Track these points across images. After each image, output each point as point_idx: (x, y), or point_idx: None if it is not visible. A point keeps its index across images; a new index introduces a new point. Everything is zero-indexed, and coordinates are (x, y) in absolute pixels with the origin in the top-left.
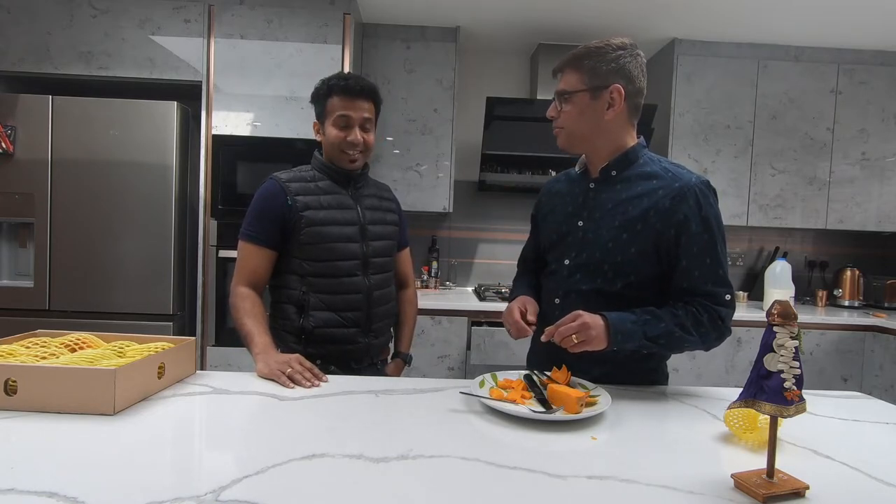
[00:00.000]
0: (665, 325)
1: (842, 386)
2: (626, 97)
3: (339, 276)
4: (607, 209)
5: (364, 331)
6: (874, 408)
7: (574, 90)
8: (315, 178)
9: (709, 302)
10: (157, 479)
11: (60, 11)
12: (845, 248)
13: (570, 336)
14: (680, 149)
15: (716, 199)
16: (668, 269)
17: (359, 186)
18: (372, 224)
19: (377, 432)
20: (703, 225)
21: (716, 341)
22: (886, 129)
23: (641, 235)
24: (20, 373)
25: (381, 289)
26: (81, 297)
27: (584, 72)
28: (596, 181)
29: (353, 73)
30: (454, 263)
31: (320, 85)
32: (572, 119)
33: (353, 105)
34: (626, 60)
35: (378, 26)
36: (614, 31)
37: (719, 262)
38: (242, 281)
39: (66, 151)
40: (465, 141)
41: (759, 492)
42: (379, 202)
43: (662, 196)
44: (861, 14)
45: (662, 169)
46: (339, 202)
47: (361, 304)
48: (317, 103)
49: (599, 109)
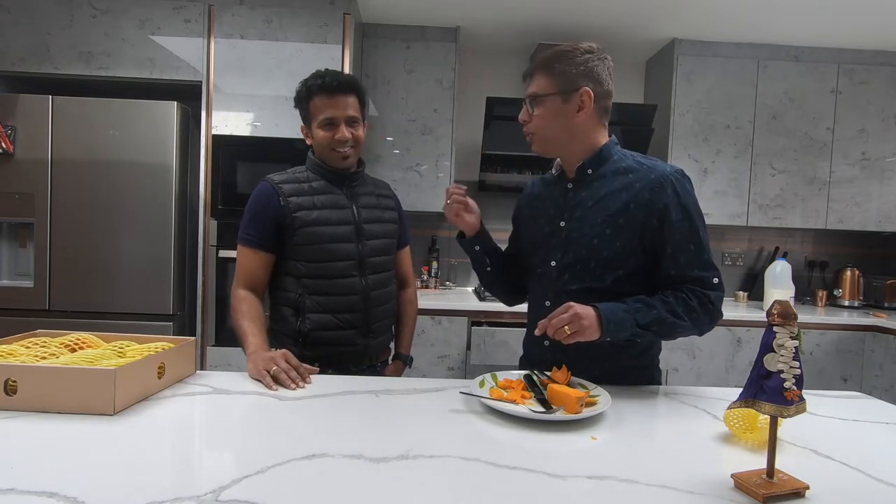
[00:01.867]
0: (656, 312)
1: (842, 386)
2: (595, 99)
3: (334, 276)
4: (588, 207)
5: (362, 332)
6: (874, 408)
7: (545, 93)
8: (309, 178)
9: (698, 287)
10: (157, 479)
11: (60, 11)
12: (845, 248)
13: (563, 328)
14: (680, 149)
15: (692, 187)
16: (654, 259)
17: (354, 185)
18: (368, 223)
19: (377, 432)
20: (683, 212)
21: (709, 325)
22: (886, 129)
23: (625, 229)
24: (20, 373)
25: (379, 289)
26: (81, 297)
27: (554, 75)
28: (573, 181)
29: (329, 69)
30: (454, 263)
31: (300, 88)
32: (544, 122)
33: (336, 103)
34: (595, 64)
35: (378, 26)
36: (614, 31)
37: (703, 247)
38: (241, 284)
39: (66, 151)
40: (465, 141)
41: (759, 492)
42: (376, 200)
43: (640, 188)
44: (861, 14)
45: (637, 163)
46: (333, 202)
47: (358, 305)
48: (300, 107)
49: (570, 112)
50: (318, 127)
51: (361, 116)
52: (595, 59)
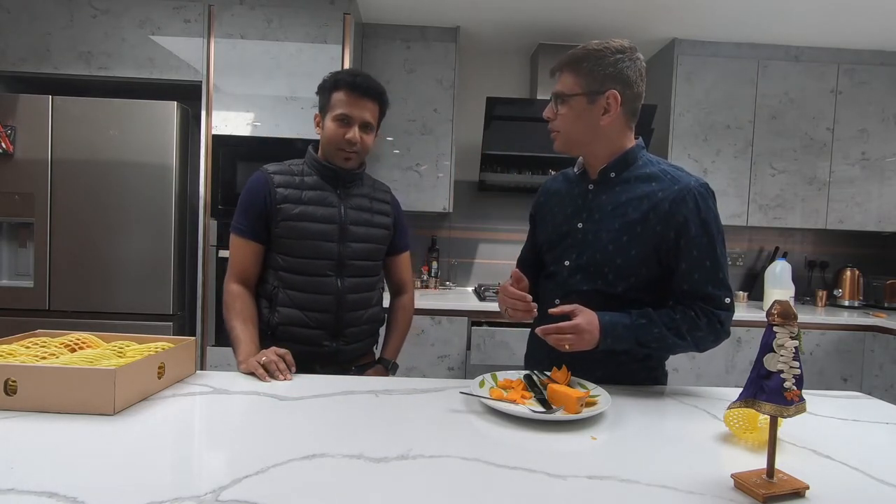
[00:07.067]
0: (658, 332)
1: (842, 386)
2: (622, 102)
3: (310, 274)
4: (607, 211)
5: (331, 334)
6: (874, 408)
7: (571, 93)
8: (303, 172)
9: (709, 306)
10: (156, 479)
11: (60, 11)
12: (845, 248)
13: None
14: (680, 149)
15: (714, 202)
16: (668, 271)
17: (349, 185)
18: (354, 225)
19: (377, 432)
20: (702, 228)
21: (712, 344)
22: (886, 129)
23: (641, 238)
24: (20, 373)
25: (356, 293)
26: (81, 297)
27: (581, 75)
28: (595, 183)
29: (364, 71)
30: (454, 263)
31: (328, 77)
32: (568, 122)
33: (357, 103)
34: (625, 65)
35: (378, 26)
36: (614, 30)
37: (719, 264)
38: (233, 277)
39: (66, 151)
40: (465, 141)
41: (759, 492)
42: (370, 203)
43: (662, 199)
44: (861, 14)
45: (661, 171)
46: (321, 199)
47: (331, 307)
48: (322, 95)
49: (595, 114)
50: (331, 119)
51: (376, 125)
52: (626, 59)
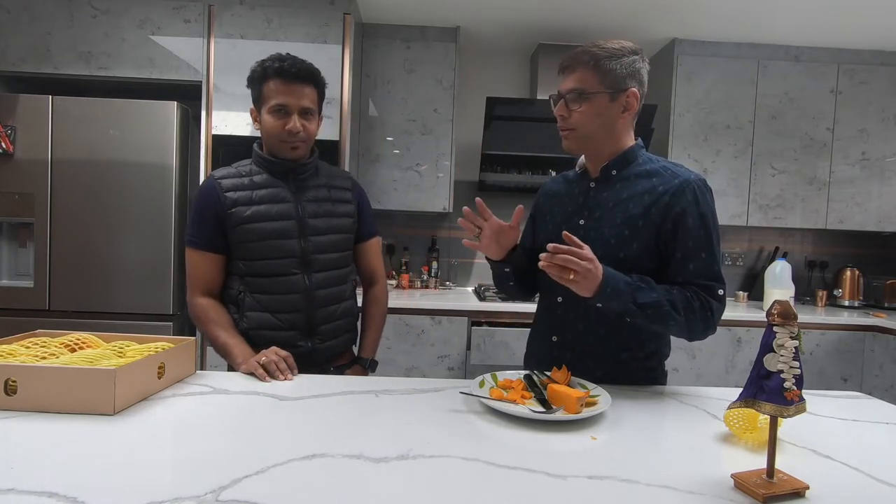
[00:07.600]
0: (656, 297)
1: (842, 386)
2: (638, 101)
3: (274, 274)
4: (608, 208)
5: (304, 334)
6: (874, 408)
7: (594, 91)
8: (252, 172)
9: (703, 293)
10: (156, 479)
11: (60, 11)
12: (845, 248)
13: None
14: (680, 149)
15: (712, 198)
16: (664, 261)
17: (302, 178)
18: (314, 217)
19: (377, 432)
20: (700, 220)
21: (701, 333)
22: (886, 129)
23: (643, 231)
24: (20, 373)
25: (325, 288)
26: (81, 297)
27: (603, 73)
28: (596, 181)
29: (290, 54)
30: (454, 263)
31: (256, 66)
32: (587, 120)
33: (291, 91)
34: (640, 66)
35: (378, 26)
36: (614, 30)
37: (714, 257)
38: (197, 291)
39: (66, 151)
40: (465, 141)
41: (759, 492)
42: (328, 193)
43: (662, 192)
44: (861, 14)
45: (661, 167)
46: (274, 196)
47: (300, 305)
48: (252, 87)
49: (614, 112)
50: (268, 112)
51: (318, 109)
52: (640, 60)
